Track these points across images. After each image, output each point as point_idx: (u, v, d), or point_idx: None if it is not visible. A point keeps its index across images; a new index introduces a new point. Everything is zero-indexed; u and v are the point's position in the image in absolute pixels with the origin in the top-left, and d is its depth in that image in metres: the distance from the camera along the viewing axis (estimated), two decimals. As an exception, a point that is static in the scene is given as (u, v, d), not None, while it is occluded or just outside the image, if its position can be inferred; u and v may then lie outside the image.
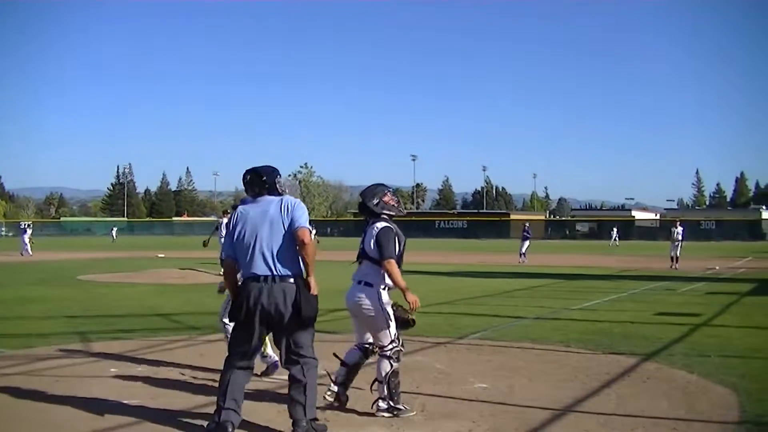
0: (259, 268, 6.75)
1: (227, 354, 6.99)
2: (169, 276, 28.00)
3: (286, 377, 6.99)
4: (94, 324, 14.59)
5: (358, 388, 8.71)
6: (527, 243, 42.86)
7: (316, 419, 6.84)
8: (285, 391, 7.19)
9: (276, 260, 6.76)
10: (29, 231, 50.46)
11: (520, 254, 42.09)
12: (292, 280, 6.78)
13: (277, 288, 6.71)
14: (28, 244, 48.52)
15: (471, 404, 8.14)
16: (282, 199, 6.98)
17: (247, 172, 7.15)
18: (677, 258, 35.63)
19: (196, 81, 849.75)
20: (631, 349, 11.53)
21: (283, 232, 6.80)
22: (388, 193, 8.17)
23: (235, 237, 6.91)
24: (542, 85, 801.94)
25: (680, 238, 36.48)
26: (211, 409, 7.82)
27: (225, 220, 28.27)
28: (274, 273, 6.74)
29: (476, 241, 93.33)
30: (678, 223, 39.32)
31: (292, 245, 6.81)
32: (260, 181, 7.06)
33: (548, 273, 31.70)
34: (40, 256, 46.05)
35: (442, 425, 7.34)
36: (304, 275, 6.87)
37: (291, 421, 6.79)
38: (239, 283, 7.00)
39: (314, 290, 6.87)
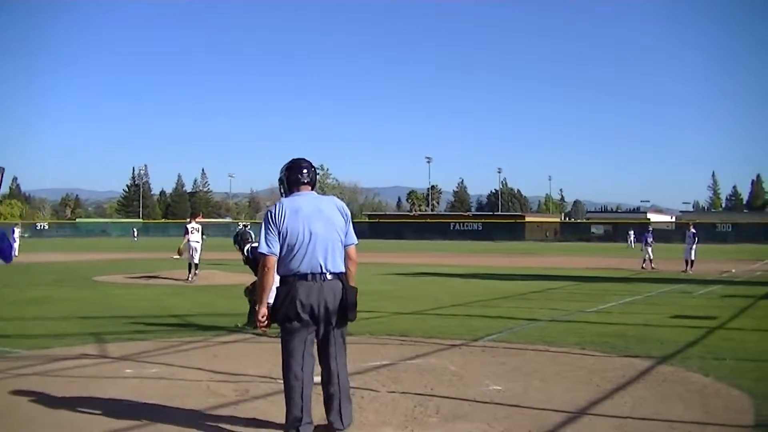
0: (312, 266, 6.55)
1: (286, 363, 6.62)
2: (183, 277, 28.02)
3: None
4: (109, 325, 14.62)
5: (373, 390, 8.72)
6: (649, 249, 38.68)
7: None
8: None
9: (329, 258, 6.60)
10: (17, 231, 50.92)
11: (649, 260, 38.19)
12: (339, 279, 6.67)
13: (328, 286, 6.56)
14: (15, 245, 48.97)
15: (485, 406, 8.10)
16: (334, 200, 6.95)
17: (302, 161, 6.96)
18: (692, 261, 35.45)
19: (211, 82, 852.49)
20: (647, 352, 11.48)
21: (337, 231, 6.71)
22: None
23: (285, 232, 6.57)
24: (558, 87, 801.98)
25: (688, 240, 36.25)
26: (225, 410, 7.85)
27: (193, 224, 28.65)
28: (325, 271, 6.58)
29: (491, 243, 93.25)
30: (691, 226, 39.07)
31: (341, 244, 6.75)
32: (314, 174, 6.97)
33: (563, 275, 31.68)
34: (55, 257, 46.20)
35: (456, 427, 7.30)
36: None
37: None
38: (280, 282, 6.68)
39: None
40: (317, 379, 6.69)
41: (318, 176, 7.16)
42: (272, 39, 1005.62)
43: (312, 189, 6.92)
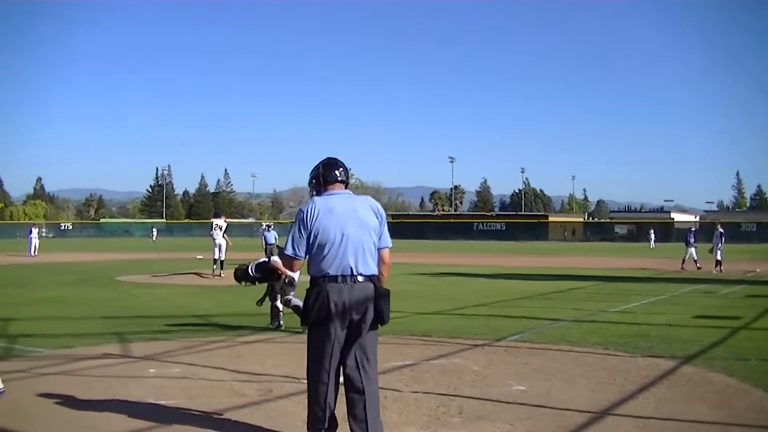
0: (343, 268, 6.24)
1: (312, 366, 6.36)
2: (206, 277, 28.12)
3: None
4: (132, 324, 14.68)
5: (396, 390, 8.72)
6: (692, 249, 37.86)
7: None
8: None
9: (360, 260, 6.28)
10: (35, 231, 51.03)
11: (690, 260, 37.52)
12: (371, 281, 6.34)
13: (359, 288, 6.25)
14: (34, 245, 49.37)
15: (508, 406, 8.09)
16: (369, 200, 6.60)
17: (337, 159, 6.67)
18: (718, 261, 35.26)
19: (234, 83, 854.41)
20: (670, 352, 11.43)
21: (370, 233, 6.39)
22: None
23: (316, 232, 6.28)
24: (581, 86, 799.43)
25: (715, 240, 36.12)
26: (248, 410, 7.86)
27: (219, 222, 29.69)
28: (356, 273, 6.26)
29: (514, 243, 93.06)
30: (718, 225, 38.86)
31: (374, 246, 6.42)
32: (348, 174, 6.70)
33: (586, 275, 31.52)
34: (76, 257, 46.41)
35: (479, 427, 7.30)
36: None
37: None
38: (310, 283, 6.34)
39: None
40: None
41: None
42: (295, 40, 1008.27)
43: (346, 188, 6.61)
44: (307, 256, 6.42)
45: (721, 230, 36.96)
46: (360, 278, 6.28)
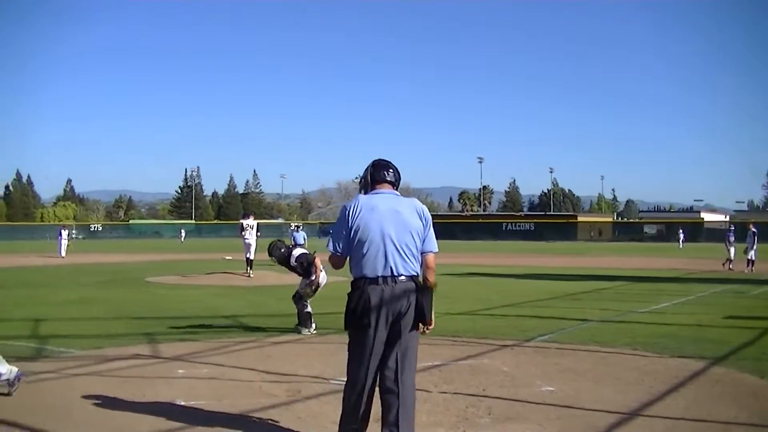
0: (383, 269, 6.14)
1: (351, 369, 6.26)
2: (235, 278, 28.19)
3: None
4: (161, 325, 14.73)
5: (425, 390, 8.69)
6: (733, 250, 37.65)
7: None
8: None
9: (399, 261, 6.16)
10: (65, 233, 51.15)
11: (729, 260, 37.49)
12: (413, 281, 6.26)
13: (400, 289, 6.15)
14: (63, 246, 49.62)
15: (537, 407, 8.06)
16: (414, 202, 6.50)
17: (388, 161, 6.59)
18: (751, 261, 35.05)
19: (262, 84, 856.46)
20: (700, 352, 11.36)
21: (412, 234, 6.26)
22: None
23: (357, 229, 6.19)
24: (610, 87, 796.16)
25: (748, 240, 35.89)
26: (277, 411, 7.87)
27: (248, 221, 30.13)
28: (397, 274, 6.16)
29: (543, 243, 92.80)
30: (751, 225, 38.56)
31: (416, 248, 6.32)
32: (399, 175, 6.59)
33: (615, 275, 31.40)
34: (105, 258, 46.68)
35: (508, 428, 7.28)
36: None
37: None
38: (351, 285, 6.24)
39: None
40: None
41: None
42: (325, 41, 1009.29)
43: (395, 189, 6.51)
44: (348, 257, 6.33)
45: (754, 230, 36.74)
46: (402, 278, 6.17)
